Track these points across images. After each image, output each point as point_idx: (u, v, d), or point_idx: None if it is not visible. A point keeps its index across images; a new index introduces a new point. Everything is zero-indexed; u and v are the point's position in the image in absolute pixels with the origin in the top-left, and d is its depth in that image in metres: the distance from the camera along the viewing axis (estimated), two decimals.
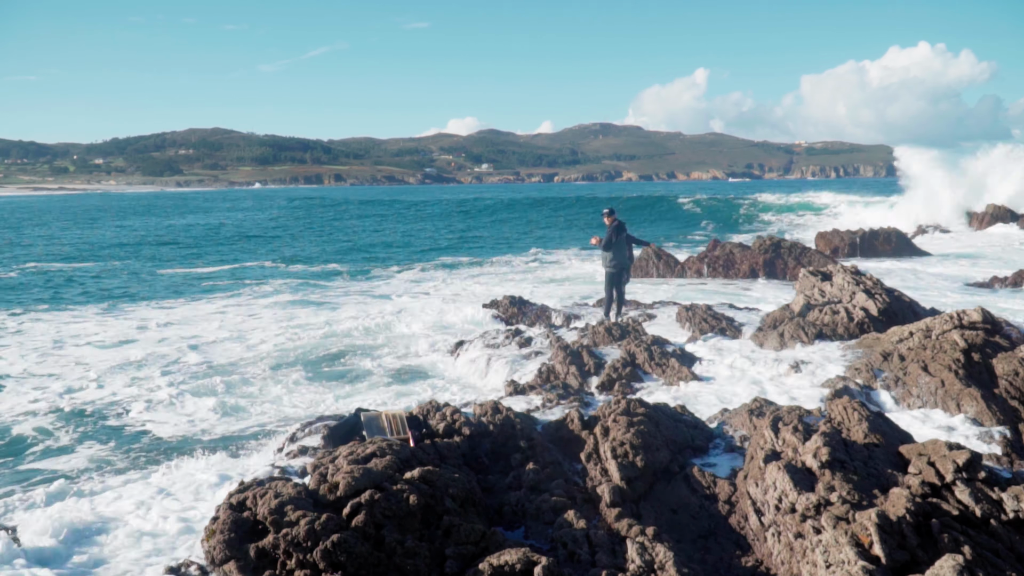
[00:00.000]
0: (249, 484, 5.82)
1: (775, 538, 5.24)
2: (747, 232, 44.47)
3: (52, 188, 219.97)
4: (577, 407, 7.99)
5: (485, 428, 7.16)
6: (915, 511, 4.82)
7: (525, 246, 38.87)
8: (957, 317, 8.98)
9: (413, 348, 13.95)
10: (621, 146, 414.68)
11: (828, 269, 14.09)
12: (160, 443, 9.41)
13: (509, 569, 4.86)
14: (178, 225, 56.06)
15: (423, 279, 26.29)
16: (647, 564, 4.97)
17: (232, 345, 14.77)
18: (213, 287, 24.21)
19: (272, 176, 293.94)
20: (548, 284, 23.83)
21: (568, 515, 5.66)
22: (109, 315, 18.77)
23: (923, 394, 8.25)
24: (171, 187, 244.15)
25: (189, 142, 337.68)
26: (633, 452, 6.30)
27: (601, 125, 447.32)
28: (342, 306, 19.75)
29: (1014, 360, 8.09)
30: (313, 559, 4.89)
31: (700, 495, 6.10)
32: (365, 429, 7.05)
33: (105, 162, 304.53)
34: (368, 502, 5.26)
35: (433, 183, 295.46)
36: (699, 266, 25.83)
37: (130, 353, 14.19)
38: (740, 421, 7.36)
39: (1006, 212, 41.50)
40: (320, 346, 14.40)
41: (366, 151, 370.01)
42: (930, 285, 21.43)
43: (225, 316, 18.31)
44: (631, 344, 11.31)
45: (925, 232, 40.10)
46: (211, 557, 5.15)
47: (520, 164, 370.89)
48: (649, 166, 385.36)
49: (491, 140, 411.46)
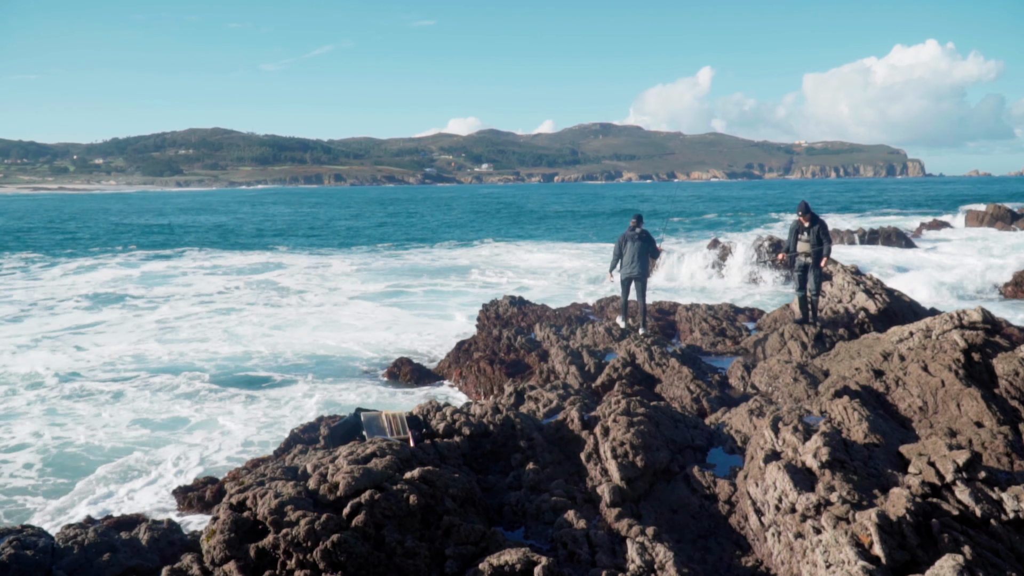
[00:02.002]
0: (249, 484, 5.81)
1: (775, 538, 5.24)
2: (747, 232, 44.49)
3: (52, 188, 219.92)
4: (577, 407, 7.98)
5: (485, 428, 7.16)
6: (915, 511, 4.82)
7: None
8: (957, 317, 8.97)
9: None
10: (621, 146, 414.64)
11: (828, 269, 14.09)
12: None
13: (509, 569, 4.86)
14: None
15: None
16: (647, 564, 4.97)
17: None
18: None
19: (272, 176, 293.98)
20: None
21: (568, 515, 5.66)
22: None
23: (923, 394, 8.24)
24: (171, 187, 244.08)
25: (189, 142, 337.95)
26: (633, 452, 6.29)
27: (601, 125, 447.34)
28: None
29: (1014, 360, 8.08)
30: (313, 559, 4.88)
31: (700, 495, 6.09)
32: (365, 429, 7.05)
33: (105, 162, 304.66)
34: (368, 502, 5.26)
35: (433, 183, 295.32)
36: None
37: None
38: (740, 421, 7.36)
39: (1006, 212, 41.50)
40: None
41: (366, 151, 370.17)
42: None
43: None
44: (631, 344, 11.31)
45: (926, 229, 40.12)
46: (211, 557, 5.14)
47: (520, 164, 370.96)
48: (649, 166, 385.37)
49: (491, 140, 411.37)
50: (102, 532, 5.64)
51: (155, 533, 5.77)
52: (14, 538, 5.34)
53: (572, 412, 7.33)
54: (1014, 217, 40.80)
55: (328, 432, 7.58)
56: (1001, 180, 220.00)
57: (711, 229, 48.06)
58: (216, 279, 25.74)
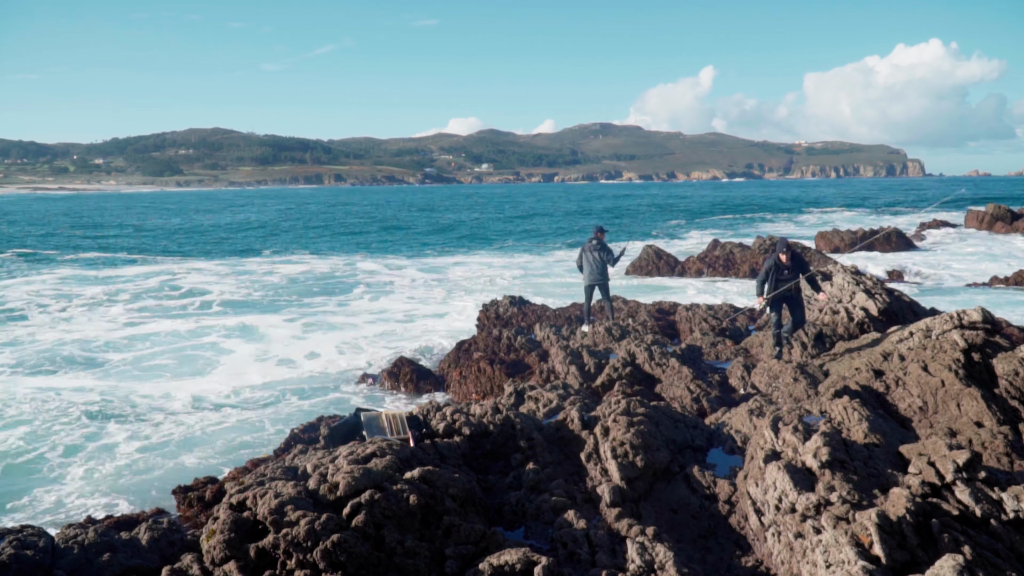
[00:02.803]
0: (249, 484, 5.81)
1: (775, 538, 5.23)
2: (747, 231, 44.50)
3: (52, 188, 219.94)
4: (577, 407, 7.98)
5: (485, 428, 7.16)
6: (915, 511, 4.81)
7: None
8: (957, 317, 8.97)
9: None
10: (621, 146, 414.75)
11: (828, 269, 14.09)
12: None
13: (509, 569, 4.86)
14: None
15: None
16: (647, 564, 4.97)
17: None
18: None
19: (272, 176, 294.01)
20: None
21: (568, 515, 5.66)
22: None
23: (923, 394, 8.24)
24: (171, 187, 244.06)
25: (189, 142, 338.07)
26: (633, 452, 6.29)
27: (601, 125, 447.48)
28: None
29: (1014, 360, 8.08)
30: (313, 559, 4.88)
31: (700, 495, 6.09)
32: (365, 429, 7.05)
33: (105, 162, 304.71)
34: (368, 502, 5.26)
35: (433, 183, 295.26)
36: (699, 266, 25.82)
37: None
38: (740, 421, 7.36)
39: (1007, 212, 41.46)
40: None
41: (366, 151, 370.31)
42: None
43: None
44: (631, 344, 11.30)
45: (925, 229, 40.12)
46: (211, 557, 5.14)
47: (520, 164, 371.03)
48: (649, 166, 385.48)
49: (491, 140, 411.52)
50: (102, 532, 5.64)
51: (155, 533, 5.76)
52: (14, 538, 5.34)
53: (572, 412, 7.33)
54: (1014, 217, 40.75)
55: (328, 432, 7.58)
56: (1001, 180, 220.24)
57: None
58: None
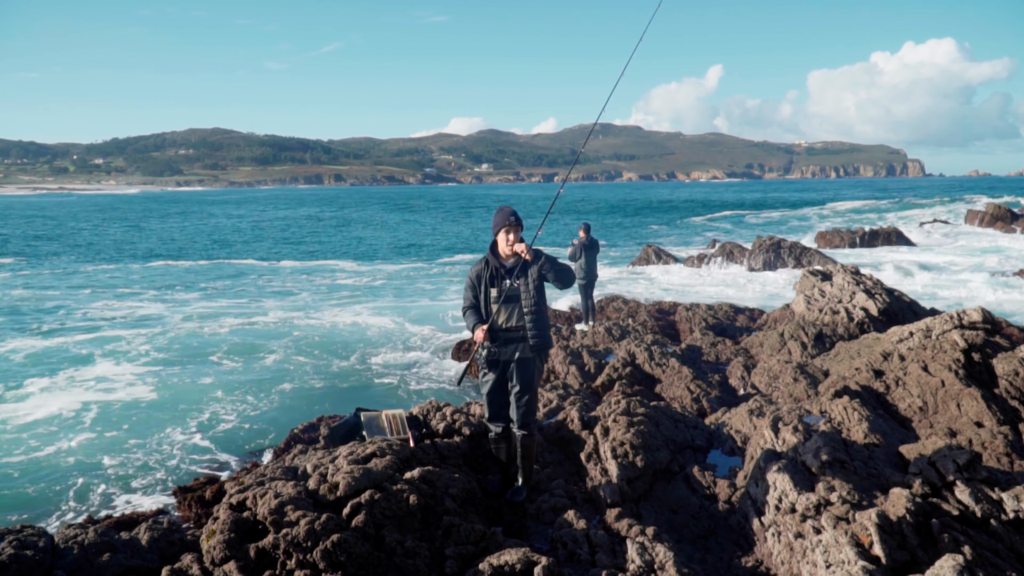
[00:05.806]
0: (249, 484, 5.81)
1: (775, 538, 5.23)
2: (747, 231, 44.51)
3: (52, 188, 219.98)
4: (577, 407, 7.98)
5: (485, 428, 7.15)
6: (915, 511, 4.81)
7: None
8: (957, 317, 8.97)
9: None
10: (621, 146, 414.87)
11: (828, 269, 14.09)
12: None
13: (509, 569, 4.86)
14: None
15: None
16: (647, 564, 4.97)
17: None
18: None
19: (272, 176, 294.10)
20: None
21: (568, 515, 5.66)
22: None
23: (923, 394, 8.24)
24: (171, 187, 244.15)
25: (189, 142, 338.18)
26: (633, 452, 6.29)
27: (601, 125, 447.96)
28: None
29: (1014, 360, 8.08)
30: (313, 559, 4.88)
31: (700, 495, 6.09)
32: (365, 429, 7.05)
33: (105, 162, 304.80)
34: (368, 502, 5.26)
35: (433, 183, 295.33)
36: (699, 265, 25.83)
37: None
38: (740, 421, 7.36)
39: (1006, 212, 41.47)
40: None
41: (366, 151, 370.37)
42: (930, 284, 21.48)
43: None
44: (631, 344, 11.31)
45: (926, 227, 40.13)
46: (211, 557, 5.14)
47: (520, 164, 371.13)
48: (649, 166, 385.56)
49: (491, 140, 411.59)
50: (102, 532, 5.64)
51: (155, 533, 5.76)
52: (14, 538, 5.33)
53: (572, 412, 7.33)
54: (1014, 217, 40.75)
55: (328, 432, 7.58)
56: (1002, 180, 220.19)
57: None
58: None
